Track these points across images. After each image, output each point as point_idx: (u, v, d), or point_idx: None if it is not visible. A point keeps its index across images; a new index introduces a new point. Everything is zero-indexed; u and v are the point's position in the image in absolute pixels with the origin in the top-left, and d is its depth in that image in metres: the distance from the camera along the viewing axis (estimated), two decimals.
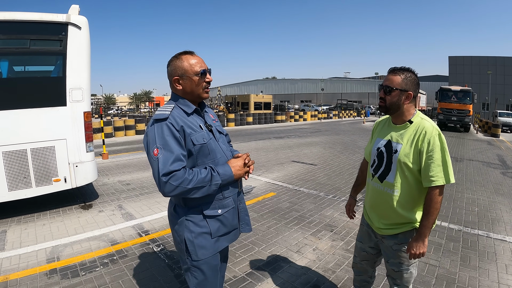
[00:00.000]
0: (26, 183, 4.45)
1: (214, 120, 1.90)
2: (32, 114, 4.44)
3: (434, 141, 1.76)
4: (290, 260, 3.37)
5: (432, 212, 1.76)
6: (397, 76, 1.84)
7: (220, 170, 1.65)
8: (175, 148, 1.56)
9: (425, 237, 1.79)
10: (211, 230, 1.70)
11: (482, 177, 7.64)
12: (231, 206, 1.78)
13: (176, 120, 1.61)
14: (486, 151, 12.68)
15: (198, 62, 1.70)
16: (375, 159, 2.00)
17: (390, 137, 1.94)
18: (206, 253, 1.69)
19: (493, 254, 3.61)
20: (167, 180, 1.50)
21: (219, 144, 1.78)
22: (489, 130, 21.55)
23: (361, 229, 2.26)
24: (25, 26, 4.39)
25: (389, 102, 1.87)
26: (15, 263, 3.33)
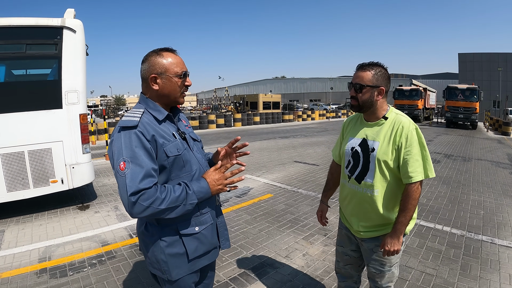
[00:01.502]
0: (24, 184, 4.54)
1: (187, 126, 1.71)
2: (29, 117, 4.51)
3: (412, 135, 1.71)
4: (278, 266, 3.29)
5: (409, 208, 1.71)
6: (367, 72, 1.77)
7: (195, 187, 1.44)
8: (145, 161, 1.34)
9: (400, 234, 1.74)
10: (188, 250, 1.50)
11: (490, 178, 7.42)
12: (209, 222, 1.59)
13: (147, 128, 1.40)
14: (496, 150, 12.37)
15: (180, 62, 1.52)
16: (349, 159, 1.92)
17: (364, 135, 1.86)
18: (181, 273, 1.52)
19: (496, 263, 3.40)
20: (136, 200, 1.28)
21: (194, 154, 1.59)
22: (500, 128, 21.24)
23: (339, 233, 2.17)
24: (21, 31, 4.47)
25: (362, 100, 1.79)
26: (9, 262, 3.42)
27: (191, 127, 1.78)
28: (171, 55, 1.50)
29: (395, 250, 1.75)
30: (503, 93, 37.57)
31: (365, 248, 1.94)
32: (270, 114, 27.55)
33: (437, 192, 6.07)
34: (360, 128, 1.91)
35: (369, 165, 1.80)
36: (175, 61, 1.49)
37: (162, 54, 1.49)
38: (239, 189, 6.19)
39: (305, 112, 32.78)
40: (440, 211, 5.00)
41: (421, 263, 3.33)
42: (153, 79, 1.48)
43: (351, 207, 1.94)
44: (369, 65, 1.79)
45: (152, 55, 1.49)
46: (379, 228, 1.85)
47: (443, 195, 5.89)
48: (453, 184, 6.73)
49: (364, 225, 1.88)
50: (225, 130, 20.31)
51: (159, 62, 1.47)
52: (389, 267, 1.89)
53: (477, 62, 42.48)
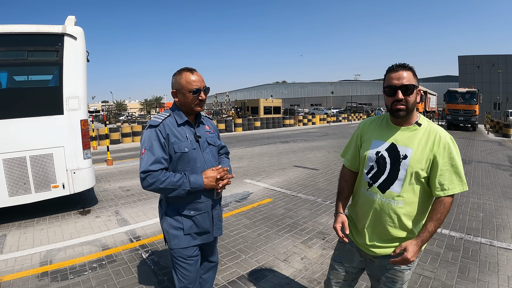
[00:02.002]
0: (25, 189, 4.59)
1: (208, 132, 2.09)
2: (30, 122, 4.58)
3: (450, 146, 1.59)
4: (276, 269, 3.31)
5: (441, 219, 1.58)
6: (409, 71, 1.61)
7: (192, 179, 1.85)
8: (158, 151, 1.82)
9: (425, 243, 1.60)
10: (184, 226, 1.93)
11: (490, 180, 7.42)
12: (204, 210, 1.97)
13: (165, 128, 1.87)
14: (496, 152, 12.35)
15: (195, 80, 1.89)
16: (373, 165, 1.72)
17: (394, 140, 1.68)
18: (178, 244, 1.94)
19: (495, 265, 3.40)
20: (144, 177, 1.78)
21: (202, 155, 1.97)
22: (500, 130, 21.33)
23: (340, 248, 1.95)
24: (22, 38, 4.56)
25: (411, 103, 1.60)
26: (10, 265, 3.46)
27: (215, 132, 2.18)
28: (188, 74, 1.90)
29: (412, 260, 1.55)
30: (503, 94, 37.50)
31: (377, 265, 1.78)
32: (270, 119, 27.60)
33: None
34: (388, 131, 1.73)
35: (398, 173, 1.63)
36: (190, 80, 1.88)
37: (181, 73, 1.91)
38: (239, 194, 6.22)
39: (306, 117, 32.81)
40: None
41: (419, 266, 3.33)
42: (174, 94, 1.95)
43: (368, 219, 1.74)
44: (405, 66, 1.64)
45: (175, 73, 1.94)
46: (396, 244, 1.68)
47: None
48: None
49: (379, 240, 1.71)
50: (226, 135, 20.34)
51: (178, 80, 1.91)
52: (401, 285, 1.74)
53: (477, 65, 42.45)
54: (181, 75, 1.90)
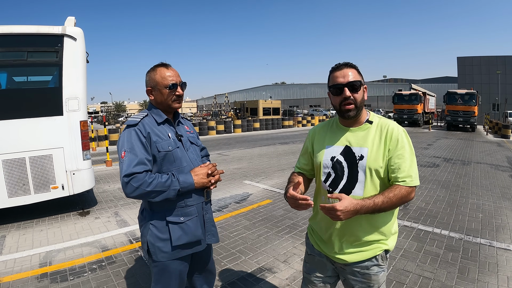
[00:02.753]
0: (25, 190, 4.58)
1: (188, 132, 1.98)
2: (30, 123, 4.57)
3: (403, 139, 1.55)
4: (276, 270, 3.30)
5: (393, 201, 1.46)
6: (353, 69, 1.57)
7: (181, 178, 1.70)
8: (140, 152, 1.66)
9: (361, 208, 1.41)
10: (172, 237, 1.73)
11: (489, 181, 7.43)
12: (194, 215, 1.80)
13: (144, 127, 1.72)
14: (495, 153, 12.39)
15: (171, 75, 1.78)
16: (329, 171, 1.64)
17: (347, 143, 1.62)
18: (166, 256, 1.74)
19: (494, 265, 3.40)
20: (128, 181, 1.59)
21: (187, 153, 1.84)
22: (499, 131, 21.46)
23: (310, 260, 1.82)
24: (22, 38, 4.55)
25: (360, 101, 1.56)
26: (10, 266, 3.46)
27: (195, 133, 2.07)
28: (163, 69, 1.79)
29: (337, 214, 1.37)
30: (502, 95, 37.55)
31: (349, 272, 1.68)
32: (270, 120, 27.65)
33: (435, 196, 6.08)
34: (340, 134, 1.66)
35: (358, 175, 1.57)
36: (165, 75, 1.77)
37: (156, 69, 1.79)
38: (239, 195, 6.21)
39: (305, 118, 32.87)
40: (439, 215, 5.01)
41: (418, 267, 3.34)
42: (149, 92, 1.83)
43: (333, 228, 1.64)
44: (349, 64, 1.60)
45: (149, 71, 1.82)
46: (366, 248, 1.62)
47: (441, 199, 5.90)
48: (452, 187, 6.74)
49: (349, 247, 1.63)
50: (225, 137, 20.36)
51: (152, 77, 1.79)
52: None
53: (476, 66, 42.50)
54: (155, 71, 1.78)
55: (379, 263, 1.64)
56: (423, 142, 15.63)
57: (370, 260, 1.62)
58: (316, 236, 1.78)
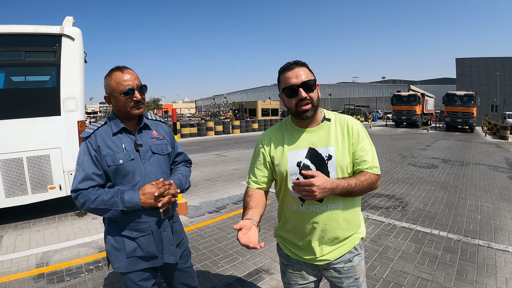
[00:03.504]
0: (22, 190, 4.56)
1: (155, 138, 1.80)
2: (27, 123, 4.56)
3: (361, 131, 1.56)
4: (273, 272, 3.29)
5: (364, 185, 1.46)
6: (305, 67, 1.52)
7: (126, 196, 1.59)
8: (88, 167, 1.60)
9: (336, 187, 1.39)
10: (127, 249, 1.67)
11: (488, 182, 7.44)
12: (147, 232, 1.69)
13: (96, 139, 1.64)
14: (494, 154, 12.41)
15: (127, 79, 1.64)
16: (298, 177, 1.54)
17: (310, 144, 1.55)
18: (121, 268, 1.69)
19: (493, 267, 3.40)
20: (75, 196, 1.58)
21: (143, 166, 1.70)
22: (498, 132, 21.54)
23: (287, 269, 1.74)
24: (20, 38, 4.53)
25: (316, 99, 1.51)
26: (6, 267, 3.44)
27: (165, 139, 1.86)
28: (118, 74, 1.64)
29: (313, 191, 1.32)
30: (500, 97, 37.61)
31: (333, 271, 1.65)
32: (268, 121, 27.69)
33: (434, 197, 6.08)
34: (297, 136, 1.58)
35: (329, 175, 1.50)
36: (120, 80, 1.63)
37: (111, 74, 1.65)
38: (236, 196, 6.20)
39: None
40: (437, 216, 5.01)
41: (416, 268, 3.33)
42: (107, 99, 1.70)
43: (313, 233, 1.58)
44: (298, 62, 1.53)
45: (105, 76, 1.68)
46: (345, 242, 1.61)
47: (440, 200, 5.90)
48: (450, 189, 6.74)
49: (330, 247, 1.59)
50: (224, 137, 20.35)
51: (107, 83, 1.66)
52: (363, 277, 1.69)
53: (474, 67, 42.60)
54: (110, 77, 1.64)
55: (359, 252, 1.66)
56: (421, 143, 15.64)
57: (350, 252, 1.62)
58: (290, 244, 1.70)
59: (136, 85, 1.67)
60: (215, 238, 4.15)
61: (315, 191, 1.32)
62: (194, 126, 21.15)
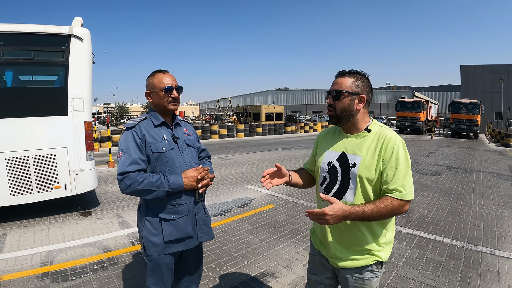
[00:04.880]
0: (27, 189, 4.59)
1: (186, 134, 2.09)
2: (34, 122, 4.60)
3: (399, 150, 1.52)
4: (278, 275, 3.28)
5: (383, 212, 1.45)
6: (346, 78, 1.59)
7: (171, 179, 1.81)
8: (134, 152, 1.80)
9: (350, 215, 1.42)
10: (164, 233, 1.85)
11: (492, 190, 7.42)
12: (185, 213, 1.91)
13: (141, 129, 1.87)
14: (498, 162, 12.36)
15: (167, 80, 1.92)
16: (325, 175, 1.68)
17: (344, 149, 1.64)
18: (157, 251, 1.87)
19: (496, 274, 3.39)
20: (121, 179, 1.74)
21: (181, 155, 1.95)
22: (502, 140, 21.52)
23: (312, 259, 1.91)
24: (29, 37, 4.59)
25: (340, 109, 1.58)
26: (10, 265, 3.45)
27: (193, 135, 2.17)
28: (160, 75, 1.94)
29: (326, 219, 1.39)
30: (505, 104, 37.38)
31: (343, 276, 1.71)
32: (272, 125, 27.63)
33: (438, 204, 6.06)
34: (339, 140, 1.70)
35: (349, 183, 1.58)
36: (162, 79, 1.92)
37: (154, 74, 1.96)
38: (241, 199, 6.21)
39: (308, 124, 32.84)
40: (441, 223, 5.00)
41: (420, 274, 3.33)
42: (147, 94, 1.98)
43: (327, 231, 1.69)
44: (349, 72, 1.62)
45: (148, 76, 1.98)
46: (358, 256, 1.62)
47: (443, 207, 5.88)
48: (454, 196, 6.73)
49: (342, 252, 1.65)
50: (228, 141, 20.38)
51: (150, 81, 1.95)
52: None
53: (479, 74, 42.39)
54: (153, 76, 1.94)
55: (373, 269, 1.64)
56: (425, 150, 15.59)
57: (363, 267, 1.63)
58: (316, 236, 1.85)
59: (175, 85, 1.96)
60: (220, 241, 4.15)
61: (328, 219, 1.40)
62: (198, 129, 21.17)
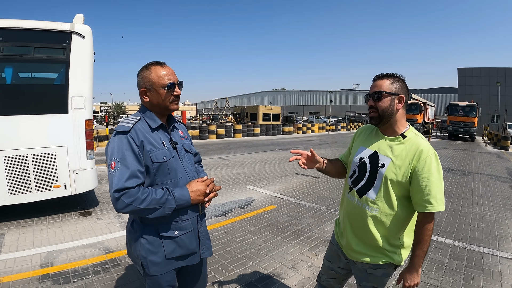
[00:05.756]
0: (26, 188, 4.50)
1: (183, 137, 1.83)
2: (34, 120, 4.52)
3: (431, 162, 1.55)
4: (284, 277, 3.25)
5: (426, 240, 1.59)
6: (384, 80, 1.65)
7: (177, 194, 1.57)
8: (132, 163, 1.50)
9: (419, 267, 1.63)
10: (166, 251, 1.62)
11: (490, 192, 7.47)
12: (189, 229, 1.68)
13: (137, 134, 1.56)
14: (495, 164, 12.46)
15: (167, 74, 1.63)
16: (355, 169, 1.77)
17: (377, 148, 1.71)
18: (159, 270, 1.63)
19: (498, 274, 3.43)
20: (119, 197, 1.44)
21: (182, 163, 1.71)
22: (498, 142, 21.82)
23: (330, 247, 2.03)
24: (30, 33, 4.50)
25: (382, 109, 1.63)
26: (10, 266, 3.36)
27: (188, 138, 1.90)
28: (159, 68, 1.63)
29: (416, 284, 1.64)
30: (501, 107, 37.61)
31: (358, 268, 1.80)
32: (270, 126, 27.66)
33: None
34: (375, 139, 1.76)
35: (375, 181, 1.66)
36: (162, 73, 1.62)
37: (150, 68, 1.63)
38: (242, 200, 6.16)
39: (305, 125, 32.89)
40: (442, 224, 5.03)
41: (425, 275, 3.35)
42: (143, 93, 1.65)
43: (347, 221, 1.81)
44: (386, 75, 1.68)
45: (142, 70, 1.65)
46: (371, 253, 1.71)
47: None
48: (454, 197, 6.76)
49: (357, 245, 1.74)
50: (226, 141, 20.32)
51: (147, 76, 1.62)
52: None
53: (476, 77, 42.60)
54: (149, 70, 1.62)
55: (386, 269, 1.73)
56: None
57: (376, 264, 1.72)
58: (338, 226, 1.96)
59: (176, 80, 1.69)
60: (223, 242, 4.10)
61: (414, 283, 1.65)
62: (196, 129, 21.10)
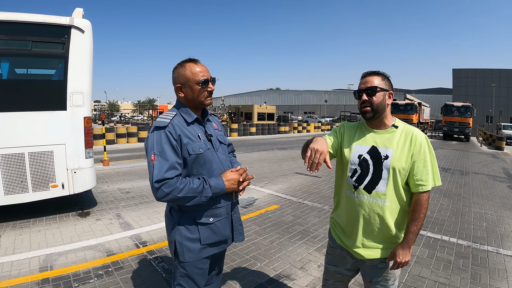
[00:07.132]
0: (22, 188, 4.34)
1: (216, 129, 1.93)
2: (31, 117, 4.35)
3: (424, 144, 1.69)
4: (294, 277, 3.18)
5: (421, 217, 1.68)
6: (375, 77, 1.72)
7: (212, 183, 1.67)
8: (171, 156, 1.60)
9: (412, 244, 1.71)
10: (201, 237, 1.72)
11: (489, 191, 7.52)
12: (223, 216, 1.78)
13: (175, 129, 1.65)
14: (491, 164, 12.58)
15: (201, 71, 1.72)
16: (356, 168, 1.78)
17: (373, 143, 1.76)
18: (193, 257, 1.72)
19: (503, 271, 3.47)
20: (159, 187, 1.55)
21: (217, 155, 1.80)
22: (493, 143, 22.09)
23: (332, 251, 1.99)
24: (27, 27, 4.34)
25: (376, 103, 1.69)
26: (7, 270, 3.21)
27: (222, 130, 2.00)
28: (193, 65, 1.73)
29: (406, 262, 1.70)
30: (496, 108, 38.04)
31: (368, 266, 1.82)
32: (266, 125, 27.66)
33: (439, 204, 6.11)
34: (366, 135, 1.81)
35: (382, 173, 1.70)
36: (196, 70, 1.71)
37: (184, 65, 1.73)
38: (244, 199, 6.08)
39: (301, 124, 33.00)
40: (445, 223, 5.04)
41: (433, 273, 3.35)
42: (178, 89, 1.75)
43: (358, 222, 1.77)
44: (375, 72, 1.76)
45: (177, 67, 1.75)
46: (384, 247, 1.76)
47: (445, 207, 5.93)
48: (454, 197, 6.79)
49: (368, 243, 1.76)
50: None
51: (182, 73, 1.72)
52: (393, 281, 1.83)
53: (471, 78, 43.03)
54: (184, 67, 1.72)
55: None
56: None
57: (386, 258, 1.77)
58: (338, 229, 1.92)
59: (210, 76, 1.77)
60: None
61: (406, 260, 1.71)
62: None
